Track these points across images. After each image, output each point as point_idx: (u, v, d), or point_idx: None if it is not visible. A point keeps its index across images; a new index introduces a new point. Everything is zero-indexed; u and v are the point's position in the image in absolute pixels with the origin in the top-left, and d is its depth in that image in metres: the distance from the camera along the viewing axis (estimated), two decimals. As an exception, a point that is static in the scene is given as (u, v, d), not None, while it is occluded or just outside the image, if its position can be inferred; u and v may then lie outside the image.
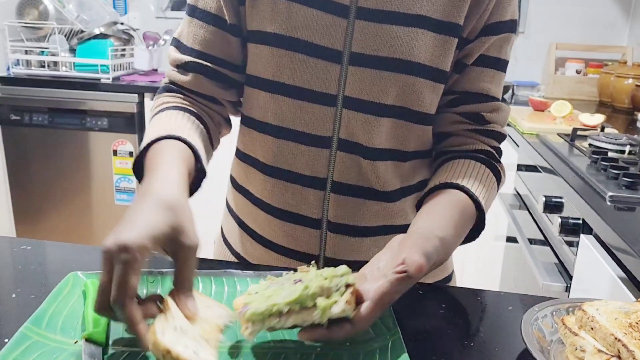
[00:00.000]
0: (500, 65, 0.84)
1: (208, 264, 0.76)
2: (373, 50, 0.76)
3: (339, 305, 0.54)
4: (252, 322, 0.55)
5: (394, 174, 0.83)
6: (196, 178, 0.75)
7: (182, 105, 0.83)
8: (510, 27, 0.81)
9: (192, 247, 0.58)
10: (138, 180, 0.75)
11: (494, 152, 0.85)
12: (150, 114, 0.84)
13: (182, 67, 0.84)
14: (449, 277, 0.96)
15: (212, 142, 0.84)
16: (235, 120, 0.92)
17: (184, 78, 0.84)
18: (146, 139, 0.74)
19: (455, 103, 0.84)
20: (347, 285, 0.56)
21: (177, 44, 0.85)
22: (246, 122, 0.87)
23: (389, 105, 0.78)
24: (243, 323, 0.56)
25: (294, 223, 0.84)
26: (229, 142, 0.94)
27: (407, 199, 0.87)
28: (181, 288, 0.57)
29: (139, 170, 0.74)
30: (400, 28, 0.75)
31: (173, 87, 0.85)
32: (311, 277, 0.58)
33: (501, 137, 0.87)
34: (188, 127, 0.78)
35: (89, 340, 0.55)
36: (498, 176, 0.84)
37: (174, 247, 0.57)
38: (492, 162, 0.83)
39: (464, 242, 0.78)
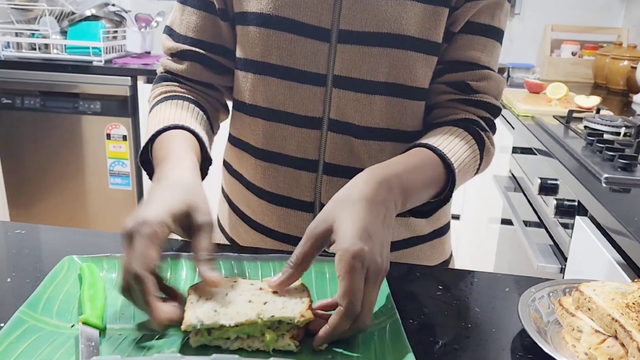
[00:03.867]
0: (493, 33, 0.80)
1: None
2: (361, 26, 0.74)
3: (284, 340, 0.55)
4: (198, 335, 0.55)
5: (392, 155, 0.80)
6: (202, 165, 0.75)
7: (180, 94, 0.82)
8: None
9: (207, 223, 0.59)
10: (145, 169, 0.76)
11: (480, 120, 0.80)
12: (149, 105, 0.84)
13: (177, 55, 0.83)
14: (447, 261, 0.95)
15: (212, 128, 0.84)
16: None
17: (179, 67, 0.83)
18: (150, 131, 0.75)
19: (441, 73, 0.80)
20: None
21: (170, 32, 0.84)
22: (237, 106, 0.86)
23: (380, 82, 0.76)
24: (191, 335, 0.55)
25: (287, 207, 0.83)
26: (222, 128, 0.93)
27: None
28: (201, 259, 0.57)
29: (145, 160, 0.75)
30: (388, 1, 0.73)
31: (169, 76, 0.85)
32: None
33: (492, 108, 0.81)
34: (189, 116, 0.78)
35: (86, 323, 0.55)
36: (479, 140, 0.78)
37: (191, 224, 0.59)
38: (474, 128, 0.78)
39: (439, 202, 0.74)
